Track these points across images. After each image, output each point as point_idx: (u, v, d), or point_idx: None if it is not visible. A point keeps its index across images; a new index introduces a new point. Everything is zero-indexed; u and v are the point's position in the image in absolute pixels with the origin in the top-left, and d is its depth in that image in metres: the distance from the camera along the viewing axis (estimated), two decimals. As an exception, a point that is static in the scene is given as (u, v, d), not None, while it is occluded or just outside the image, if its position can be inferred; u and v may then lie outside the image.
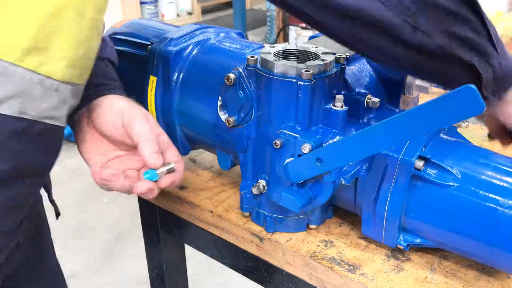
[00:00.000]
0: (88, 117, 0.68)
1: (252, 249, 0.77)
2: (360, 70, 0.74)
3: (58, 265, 0.96)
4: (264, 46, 0.74)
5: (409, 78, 0.75)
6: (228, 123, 0.71)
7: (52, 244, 0.96)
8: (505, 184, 0.60)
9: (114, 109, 0.66)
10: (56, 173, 0.96)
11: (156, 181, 0.64)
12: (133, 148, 0.67)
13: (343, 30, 0.57)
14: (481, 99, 0.45)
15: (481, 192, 0.60)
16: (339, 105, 0.67)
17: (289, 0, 0.55)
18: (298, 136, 0.64)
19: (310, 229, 0.76)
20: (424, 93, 0.77)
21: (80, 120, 0.69)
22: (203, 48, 0.82)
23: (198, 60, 0.81)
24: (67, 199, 2.50)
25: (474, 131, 1.02)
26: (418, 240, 0.67)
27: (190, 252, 1.07)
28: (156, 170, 0.63)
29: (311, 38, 0.84)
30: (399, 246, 0.68)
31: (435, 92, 1.19)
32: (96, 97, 0.69)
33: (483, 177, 0.61)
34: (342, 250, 0.72)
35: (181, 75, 0.81)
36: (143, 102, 0.84)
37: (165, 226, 0.95)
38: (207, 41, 0.84)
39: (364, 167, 0.67)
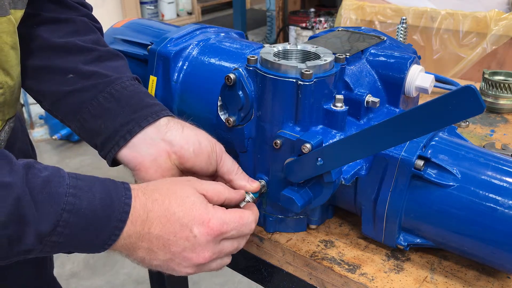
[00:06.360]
0: (171, 153, 0.67)
1: (252, 249, 0.77)
2: (360, 70, 0.74)
3: (54, 278, 0.96)
4: (264, 46, 0.74)
5: (409, 78, 0.75)
6: (228, 123, 0.71)
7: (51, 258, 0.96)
8: (505, 184, 0.60)
9: (205, 146, 0.68)
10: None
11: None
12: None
13: None
14: (481, 99, 0.45)
15: (481, 192, 0.60)
16: (339, 105, 0.67)
17: None
18: (298, 136, 0.64)
19: (310, 229, 0.76)
20: (424, 93, 0.77)
21: (159, 155, 0.67)
22: (203, 48, 0.82)
23: (198, 60, 0.81)
24: (67, 199, 2.49)
25: (474, 131, 1.02)
26: (418, 240, 0.67)
27: (190, 252, 1.07)
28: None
29: (311, 38, 0.84)
30: (399, 246, 0.68)
31: (435, 92, 1.19)
32: (157, 118, 0.68)
33: (483, 177, 0.61)
34: (342, 250, 0.72)
35: (181, 75, 0.81)
36: (143, 102, 0.84)
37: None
38: (207, 41, 0.84)
39: (364, 167, 0.67)
